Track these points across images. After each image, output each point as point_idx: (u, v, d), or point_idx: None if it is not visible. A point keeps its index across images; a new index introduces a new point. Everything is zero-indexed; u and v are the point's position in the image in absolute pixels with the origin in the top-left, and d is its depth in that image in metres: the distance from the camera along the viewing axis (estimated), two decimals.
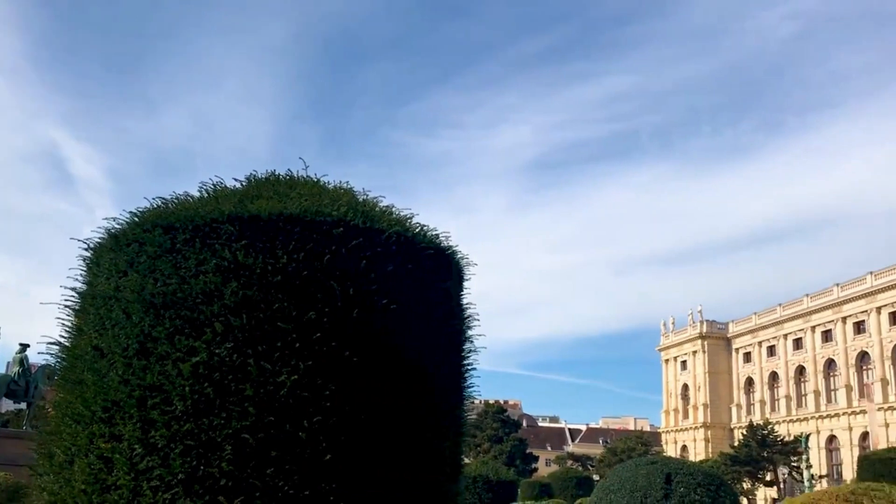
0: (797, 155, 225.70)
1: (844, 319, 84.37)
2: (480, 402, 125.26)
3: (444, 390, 4.84)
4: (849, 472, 67.28)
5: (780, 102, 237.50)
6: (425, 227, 5.08)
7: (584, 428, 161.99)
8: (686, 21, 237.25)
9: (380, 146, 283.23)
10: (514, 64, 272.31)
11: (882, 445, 61.91)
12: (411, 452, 4.51)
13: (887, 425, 75.22)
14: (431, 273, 4.89)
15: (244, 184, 5.12)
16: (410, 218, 5.10)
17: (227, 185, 5.09)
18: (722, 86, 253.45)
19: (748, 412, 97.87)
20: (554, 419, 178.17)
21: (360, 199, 5.02)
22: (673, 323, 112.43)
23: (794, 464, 71.20)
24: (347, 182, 5.23)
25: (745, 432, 78.11)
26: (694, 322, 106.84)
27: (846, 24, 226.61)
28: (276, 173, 5.26)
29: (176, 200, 4.95)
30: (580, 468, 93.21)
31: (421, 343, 4.68)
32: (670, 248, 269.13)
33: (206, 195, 4.98)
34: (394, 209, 5.11)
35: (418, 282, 4.76)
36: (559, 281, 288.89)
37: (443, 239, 5.19)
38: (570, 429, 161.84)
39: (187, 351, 4.25)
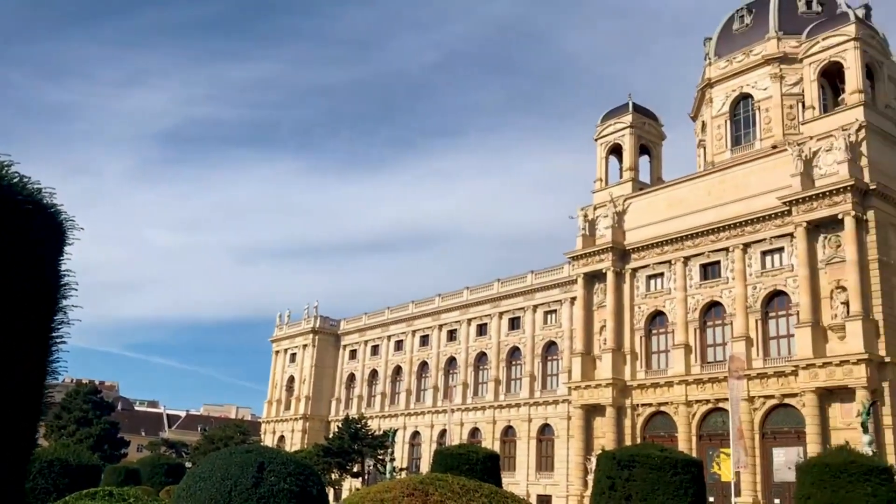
0: (422, 174, 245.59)
1: (441, 327, 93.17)
2: (72, 380, 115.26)
3: (21, 363, 4.30)
4: (426, 466, 74.17)
5: (413, 123, 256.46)
6: (26, 179, 4.47)
7: (183, 414, 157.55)
8: (336, 25, 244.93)
9: None
10: (158, 26, 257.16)
11: (456, 441, 69.49)
12: None
13: (462, 424, 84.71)
14: (26, 231, 4.32)
15: None
16: (9, 166, 4.45)
17: None
18: (364, 96, 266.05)
19: (346, 406, 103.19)
20: (153, 403, 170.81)
21: None
22: (289, 316, 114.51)
23: (381, 457, 76.71)
24: None
25: (340, 425, 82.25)
26: (308, 317, 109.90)
27: (479, 65, 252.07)
28: None
29: None
30: (174, 455, 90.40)
31: None
32: (296, 242, 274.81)
33: None
34: None
35: (7, 238, 4.17)
36: (177, 261, 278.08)
37: (46, 195, 4.63)
38: (168, 414, 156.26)
39: None
